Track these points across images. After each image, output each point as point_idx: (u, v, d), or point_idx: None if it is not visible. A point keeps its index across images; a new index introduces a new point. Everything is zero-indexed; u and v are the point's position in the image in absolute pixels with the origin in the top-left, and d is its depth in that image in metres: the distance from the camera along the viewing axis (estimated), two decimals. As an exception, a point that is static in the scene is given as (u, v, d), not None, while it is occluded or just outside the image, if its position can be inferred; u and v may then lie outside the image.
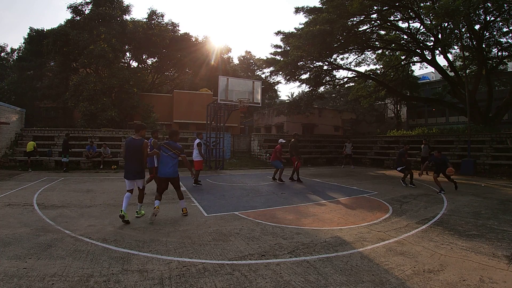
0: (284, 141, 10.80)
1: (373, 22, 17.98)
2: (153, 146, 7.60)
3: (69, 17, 21.57)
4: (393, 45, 19.46)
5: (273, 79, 28.23)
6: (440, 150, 9.13)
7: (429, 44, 18.16)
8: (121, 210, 4.79)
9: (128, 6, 22.54)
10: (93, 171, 12.55)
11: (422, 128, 20.36)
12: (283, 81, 27.37)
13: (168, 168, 5.23)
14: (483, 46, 16.49)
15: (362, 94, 22.72)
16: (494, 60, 17.49)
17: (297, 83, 23.90)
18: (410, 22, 17.62)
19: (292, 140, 10.43)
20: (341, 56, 21.36)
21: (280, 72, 21.13)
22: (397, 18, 17.81)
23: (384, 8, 16.51)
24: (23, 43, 25.99)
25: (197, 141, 9.41)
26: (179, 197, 5.47)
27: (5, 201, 6.34)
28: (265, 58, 26.46)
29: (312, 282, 2.91)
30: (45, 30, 22.76)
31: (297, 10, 19.88)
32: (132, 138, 5.10)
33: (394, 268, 3.25)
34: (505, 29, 15.90)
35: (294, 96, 38.05)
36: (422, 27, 17.28)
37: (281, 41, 23.07)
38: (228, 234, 4.36)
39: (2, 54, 28.76)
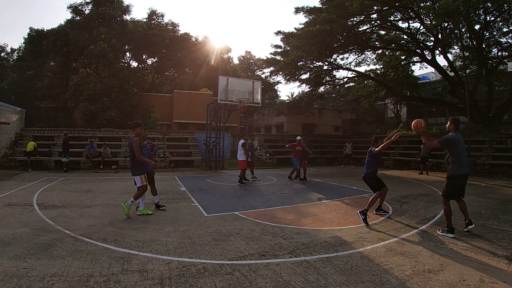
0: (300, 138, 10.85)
1: (373, 22, 17.97)
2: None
3: (69, 17, 21.57)
4: (393, 45, 19.44)
5: (273, 79, 28.20)
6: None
7: (429, 44, 18.15)
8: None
9: (128, 6, 22.53)
10: (93, 171, 12.56)
11: (422, 128, 20.31)
12: (283, 81, 27.39)
13: None
14: (483, 46, 16.48)
15: (362, 94, 22.70)
16: (494, 60, 17.48)
17: (297, 83, 23.91)
18: (410, 22, 17.61)
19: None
20: (341, 56, 21.36)
21: (280, 72, 21.12)
22: (397, 18, 17.81)
23: (384, 8, 16.51)
24: (23, 43, 25.96)
25: (242, 141, 9.66)
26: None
27: (5, 201, 6.34)
28: (265, 58, 26.45)
29: (312, 282, 2.91)
30: (45, 30, 22.70)
31: (297, 10, 19.85)
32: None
33: (394, 268, 3.25)
34: (505, 29, 15.89)
35: (294, 96, 38.03)
36: (422, 27, 17.28)
37: (281, 41, 23.06)
38: (228, 234, 4.36)
39: (2, 54, 28.72)
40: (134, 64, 25.77)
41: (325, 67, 21.07)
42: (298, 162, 10.14)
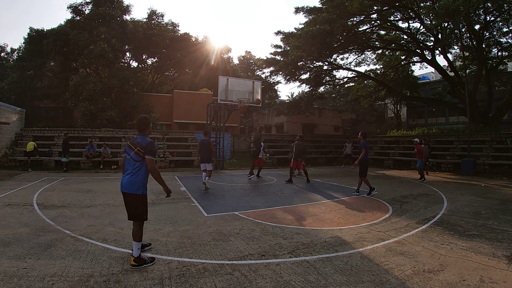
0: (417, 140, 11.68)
1: (373, 22, 17.97)
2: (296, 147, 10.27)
3: (69, 17, 21.57)
4: (393, 45, 19.44)
5: (273, 79, 28.22)
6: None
7: (429, 44, 18.15)
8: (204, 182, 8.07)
9: (128, 6, 22.54)
10: (93, 171, 12.55)
11: (422, 128, 20.36)
12: (283, 81, 27.35)
13: (124, 176, 3.33)
14: (483, 46, 16.48)
15: (362, 94, 22.70)
16: (494, 60, 17.48)
17: (297, 83, 23.90)
18: (410, 22, 17.62)
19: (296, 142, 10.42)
20: (341, 56, 21.38)
21: (280, 72, 21.11)
22: (397, 18, 17.81)
23: (384, 8, 16.51)
24: (23, 43, 25.95)
25: (261, 143, 11.14)
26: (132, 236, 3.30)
27: (5, 201, 6.34)
28: (265, 58, 26.46)
29: (312, 282, 2.91)
30: (45, 30, 22.70)
31: (297, 10, 19.87)
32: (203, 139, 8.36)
33: (394, 268, 3.25)
34: (505, 29, 15.90)
35: (294, 96, 38.02)
36: (422, 27, 17.28)
37: (281, 41, 23.07)
38: (228, 234, 4.36)
39: (2, 54, 28.73)
40: (134, 64, 25.81)
41: (325, 67, 21.06)
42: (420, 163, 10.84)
